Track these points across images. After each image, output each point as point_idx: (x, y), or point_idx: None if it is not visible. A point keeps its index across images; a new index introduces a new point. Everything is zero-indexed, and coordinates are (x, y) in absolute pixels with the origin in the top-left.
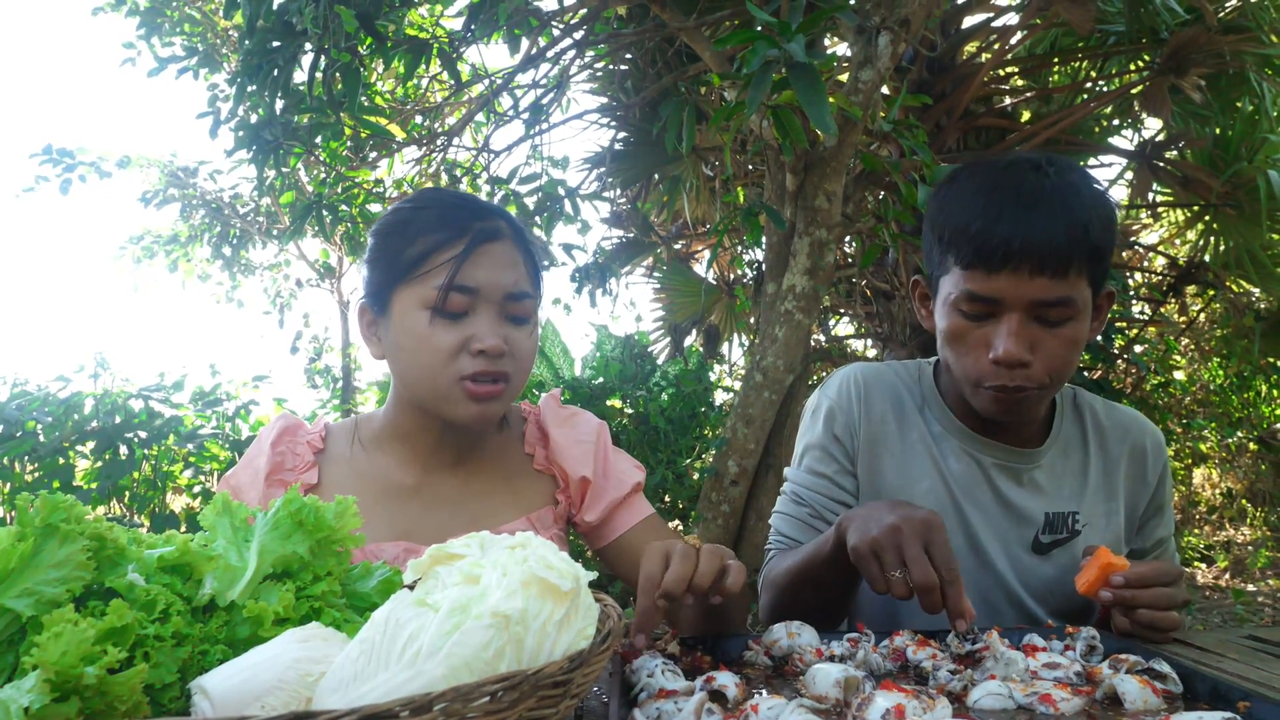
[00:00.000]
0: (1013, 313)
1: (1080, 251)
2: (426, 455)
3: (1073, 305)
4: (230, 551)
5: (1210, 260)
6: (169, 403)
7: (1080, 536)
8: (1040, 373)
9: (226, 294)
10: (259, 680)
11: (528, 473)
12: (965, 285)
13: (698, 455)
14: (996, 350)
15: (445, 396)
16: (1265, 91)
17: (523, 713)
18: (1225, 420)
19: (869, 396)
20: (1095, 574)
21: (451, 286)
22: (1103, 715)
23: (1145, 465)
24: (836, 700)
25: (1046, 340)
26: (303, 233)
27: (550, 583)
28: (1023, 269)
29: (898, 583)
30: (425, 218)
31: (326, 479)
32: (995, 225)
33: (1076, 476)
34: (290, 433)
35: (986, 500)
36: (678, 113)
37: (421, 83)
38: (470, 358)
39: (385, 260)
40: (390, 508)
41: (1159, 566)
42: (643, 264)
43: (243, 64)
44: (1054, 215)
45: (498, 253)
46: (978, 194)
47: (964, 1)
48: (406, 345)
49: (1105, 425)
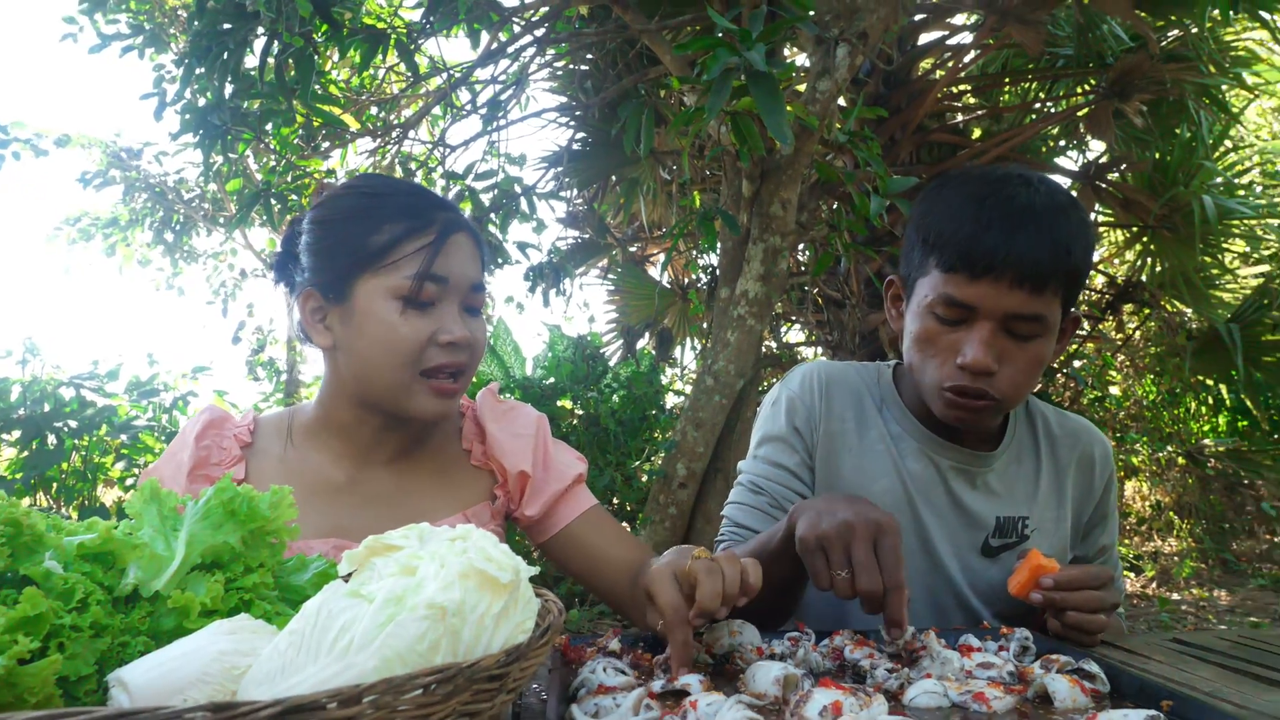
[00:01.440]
0: (986, 321)
1: (1060, 271)
2: (362, 451)
3: (1044, 323)
4: (157, 540)
5: (1147, 280)
6: (102, 392)
7: (1029, 541)
8: (1003, 384)
9: (167, 281)
10: (181, 673)
11: (464, 468)
12: (944, 289)
13: (647, 458)
14: (965, 356)
15: (406, 390)
16: (1202, 120)
17: (457, 706)
18: (1156, 435)
19: (830, 393)
20: (1026, 576)
21: (426, 276)
22: (1034, 713)
23: (1093, 474)
24: (775, 697)
25: (1014, 353)
26: (249, 221)
27: (489, 575)
28: (1003, 280)
29: (841, 583)
30: (390, 205)
31: (254, 474)
32: (983, 234)
33: (1028, 482)
34: (216, 425)
35: (941, 502)
36: (637, 115)
37: (378, 73)
38: (438, 349)
39: (345, 248)
40: (321, 504)
41: (1089, 570)
42: (597, 265)
43: (191, 45)
44: (1040, 232)
45: (462, 243)
46: (968, 202)
47: (920, 18)
48: (374, 335)
49: (1057, 433)
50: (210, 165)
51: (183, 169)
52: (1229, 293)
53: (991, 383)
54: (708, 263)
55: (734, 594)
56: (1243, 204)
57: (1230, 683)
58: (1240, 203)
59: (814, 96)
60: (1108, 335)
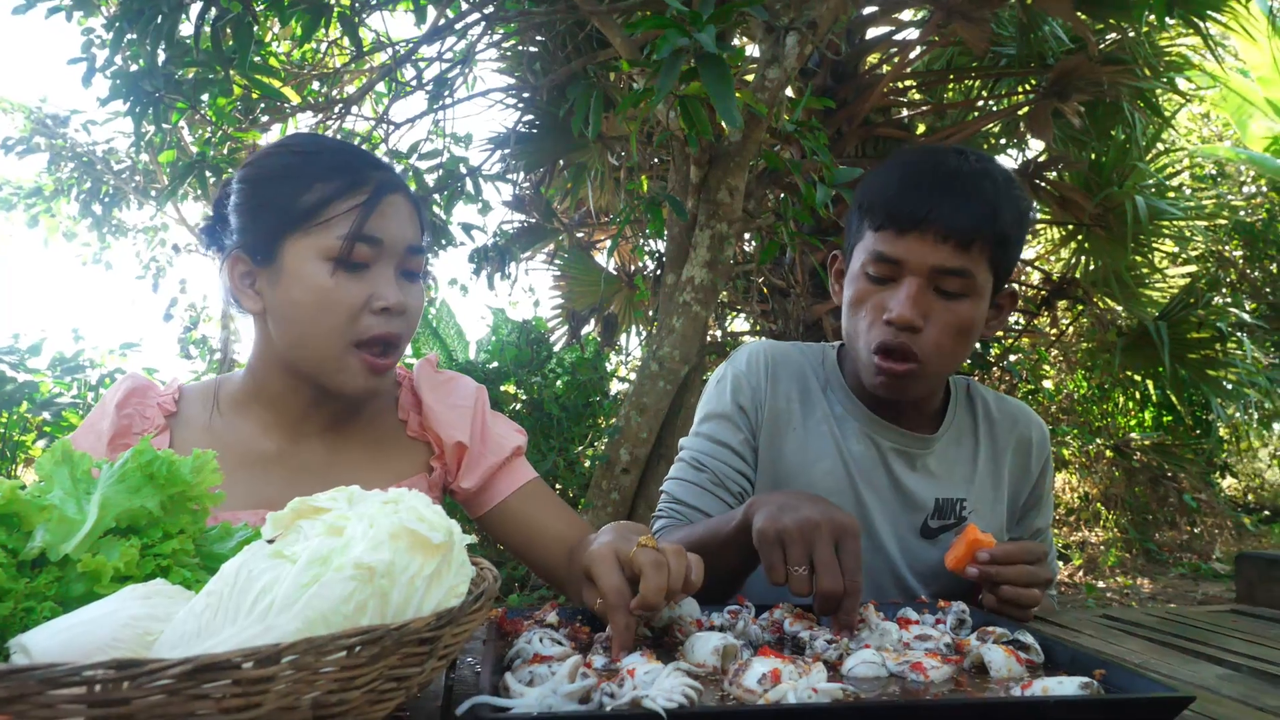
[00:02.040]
0: (913, 277)
1: (986, 230)
2: (293, 421)
3: (971, 280)
4: (68, 503)
5: (1080, 277)
6: (23, 368)
7: (966, 523)
8: (927, 345)
9: (94, 255)
10: (90, 638)
11: (400, 440)
12: (874, 247)
13: (590, 443)
14: (891, 311)
15: (336, 363)
16: (1137, 122)
17: (384, 670)
18: (1086, 429)
19: (776, 372)
20: (962, 550)
21: (359, 236)
22: (970, 682)
23: (1030, 457)
24: (714, 667)
25: (941, 312)
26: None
27: (421, 535)
28: (928, 234)
29: (799, 579)
30: (320, 163)
31: (179, 444)
32: (910, 191)
33: (967, 464)
34: (139, 394)
35: (882, 483)
36: (586, 96)
37: (320, 47)
38: (371, 316)
39: (274, 207)
40: (250, 476)
41: (1024, 545)
42: (543, 250)
43: (122, 8)
44: (967, 191)
45: (399, 204)
46: (901, 167)
47: (869, 13)
48: (303, 299)
49: (995, 416)
50: (142, 135)
51: (112, 138)
52: (1158, 291)
53: (916, 341)
54: (654, 249)
55: (677, 589)
56: (1173, 205)
57: (1157, 655)
58: (1170, 204)
59: (763, 84)
60: (1042, 330)
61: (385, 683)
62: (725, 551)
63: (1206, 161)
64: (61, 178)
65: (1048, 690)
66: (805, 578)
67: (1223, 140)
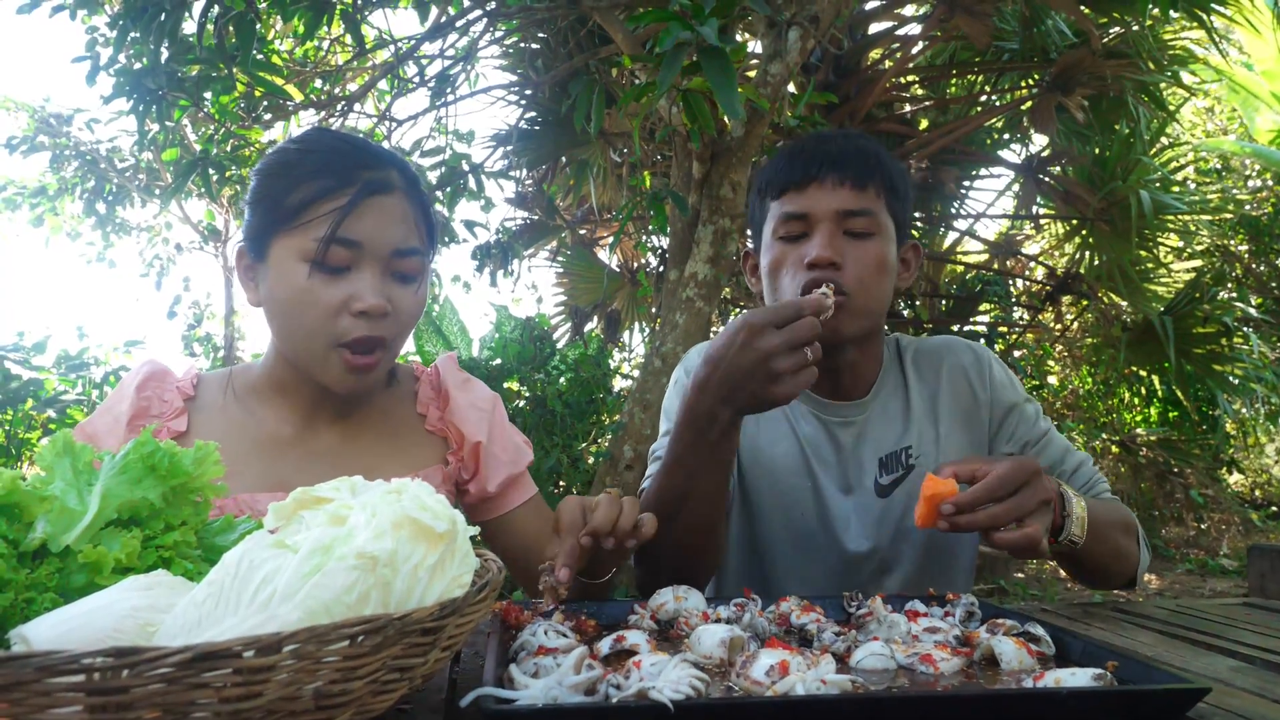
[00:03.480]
0: (823, 223)
1: (876, 172)
2: (307, 409)
3: (875, 219)
4: (69, 494)
5: (1085, 272)
6: (28, 365)
7: (915, 470)
8: (850, 279)
9: (98, 254)
10: (90, 628)
11: (417, 432)
12: (780, 211)
13: (594, 440)
14: (809, 255)
15: (321, 361)
16: (1141, 116)
17: (387, 660)
18: (1091, 424)
19: None
20: (924, 507)
21: (332, 239)
22: (980, 674)
23: (969, 379)
24: (721, 659)
25: (854, 250)
26: (185, 191)
27: (424, 524)
28: (826, 181)
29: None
30: (310, 162)
31: (196, 427)
32: (799, 153)
33: (901, 413)
34: (157, 378)
35: (832, 459)
36: (588, 92)
37: (322, 44)
38: (351, 318)
39: (266, 204)
40: (266, 458)
41: (998, 474)
42: (546, 247)
43: (125, 7)
44: (849, 142)
45: (387, 205)
46: (786, 148)
47: (871, 7)
48: (283, 298)
49: (920, 356)
50: (145, 133)
51: (116, 137)
52: (1163, 286)
53: (841, 277)
54: (657, 245)
55: (626, 527)
56: (1177, 200)
57: (1169, 647)
58: (1175, 198)
59: (765, 79)
60: (1047, 326)
61: (388, 673)
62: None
63: (1211, 155)
64: (65, 176)
65: (1060, 682)
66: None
67: (1227, 134)
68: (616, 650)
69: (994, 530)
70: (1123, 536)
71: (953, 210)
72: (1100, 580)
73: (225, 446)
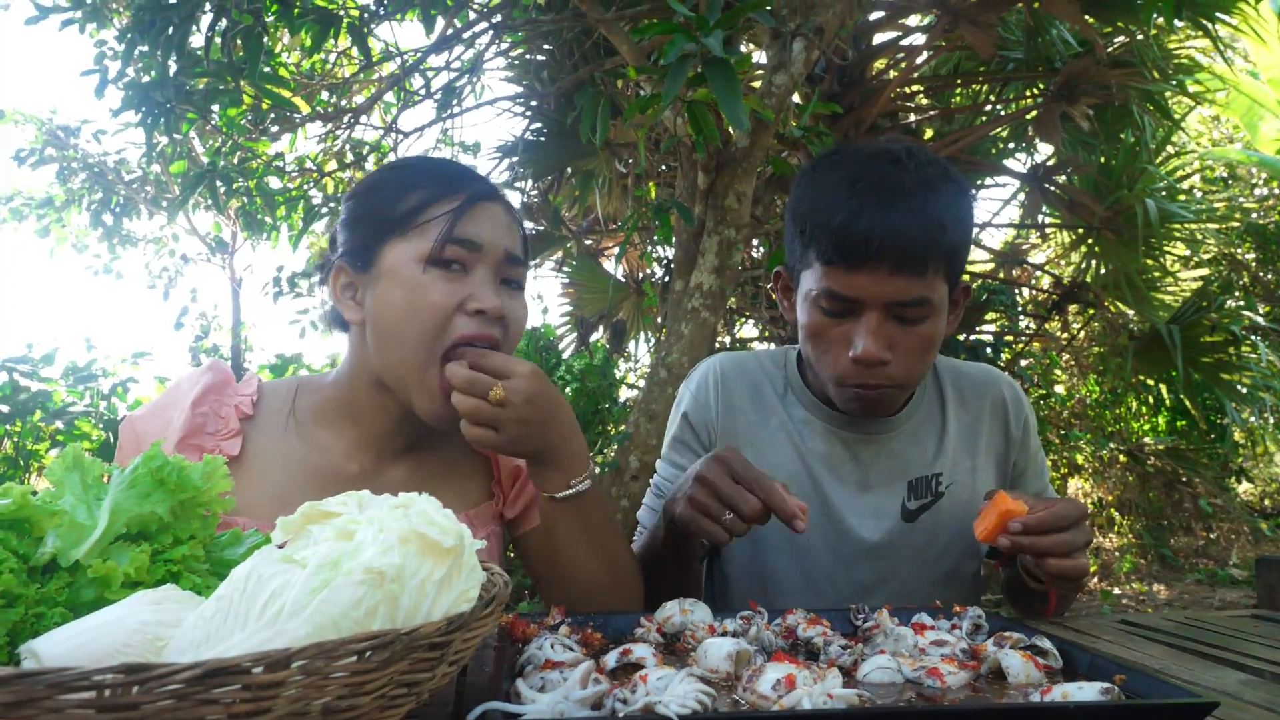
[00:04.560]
0: (871, 311)
1: (937, 250)
2: (378, 440)
3: (930, 305)
4: (78, 508)
5: (1091, 281)
6: (37, 376)
7: (944, 498)
8: (898, 371)
9: (104, 266)
10: (100, 644)
11: (469, 458)
12: (825, 283)
13: (600, 450)
14: (856, 349)
15: (420, 376)
16: (1146, 124)
17: (394, 675)
18: (1099, 434)
19: (727, 387)
20: (993, 520)
21: (450, 238)
22: (987, 688)
23: (1008, 417)
24: (727, 673)
25: (904, 339)
26: (193, 204)
27: (431, 539)
28: (881, 268)
29: (733, 524)
30: (416, 173)
31: (251, 453)
32: (855, 222)
33: (936, 438)
34: (217, 390)
35: (852, 477)
36: (593, 103)
37: (329, 57)
38: (466, 318)
39: (373, 216)
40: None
41: (1058, 510)
42: (552, 257)
43: (134, 20)
44: (912, 213)
45: (495, 212)
46: (838, 186)
47: (875, 18)
48: (397, 299)
49: (963, 384)
50: (153, 145)
51: (123, 149)
52: (1170, 295)
53: (887, 373)
54: (662, 255)
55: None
56: (1184, 208)
57: (1177, 660)
58: (1181, 207)
59: (769, 90)
60: (1053, 335)
61: (395, 688)
62: (666, 553)
63: (1217, 164)
64: (73, 188)
65: (1068, 696)
66: (734, 519)
67: (1233, 142)
68: (623, 664)
69: (1050, 557)
70: None
71: None
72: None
73: (282, 477)
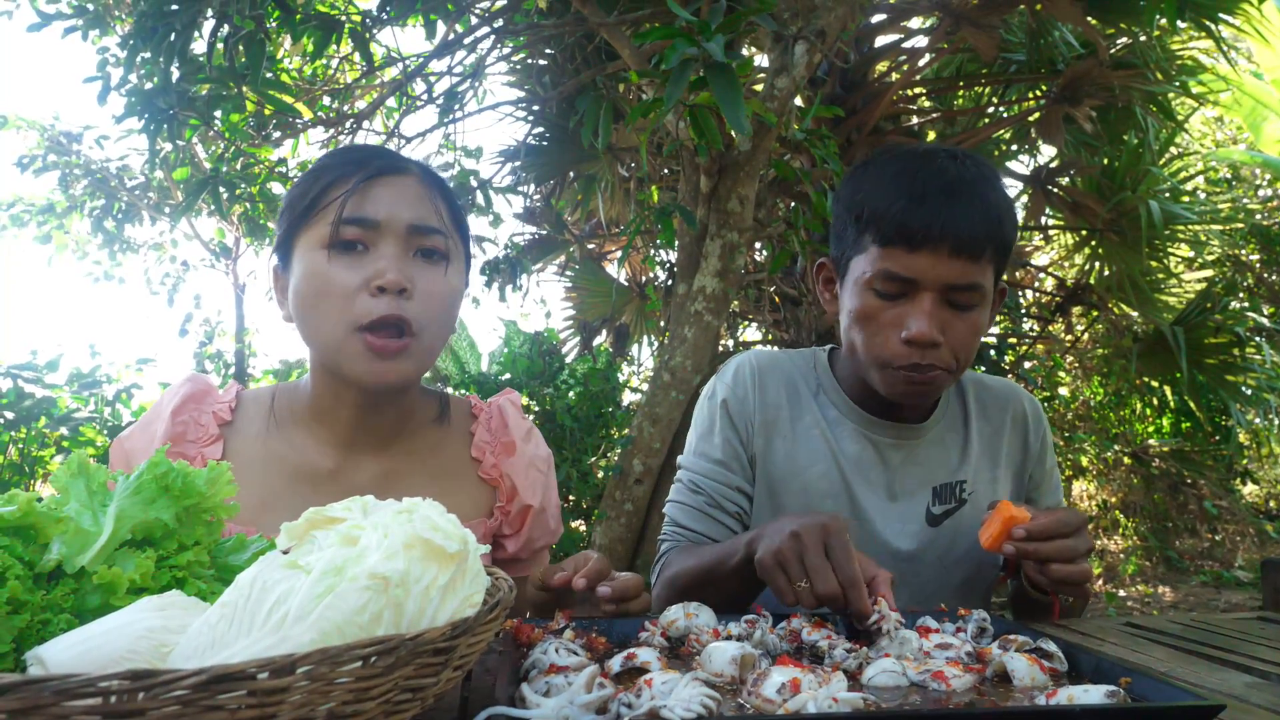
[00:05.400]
0: (927, 293)
1: (993, 240)
2: (346, 435)
3: (981, 291)
4: (84, 515)
5: (1095, 283)
6: (41, 383)
7: (966, 505)
8: (948, 355)
9: (105, 272)
10: (105, 650)
11: (467, 477)
12: (882, 264)
13: (603, 454)
14: (910, 330)
15: (345, 350)
16: (1149, 126)
17: (399, 680)
18: (1103, 435)
19: (764, 382)
20: (998, 528)
21: (345, 219)
22: (992, 691)
23: (1027, 431)
24: (732, 677)
25: (955, 324)
26: (196, 209)
27: (435, 544)
28: (942, 250)
29: (803, 594)
30: (328, 162)
31: (231, 456)
32: (919, 206)
33: (960, 447)
34: (196, 399)
35: (880, 480)
36: (595, 108)
37: (331, 63)
38: (370, 298)
39: (286, 211)
40: (303, 492)
41: (1060, 517)
42: (555, 261)
43: (136, 27)
44: (973, 203)
45: (400, 185)
46: (900, 176)
47: (877, 21)
48: (304, 289)
49: (985, 396)
50: (156, 151)
51: (126, 155)
52: (1174, 296)
53: (939, 355)
54: (665, 259)
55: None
56: (1187, 210)
57: (1183, 663)
58: (1185, 208)
59: (771, 93)
60: (1057, 337)
61: (400, 693)
62: (731, 580)
63: (1221, 165)
64: (74, 194)
65: (1073, 699)
66: (808, 589)
67: (1237, 143)
68: (628, 668)
69: (1053, 562)
70: None
71: None
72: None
73: (261, 478)
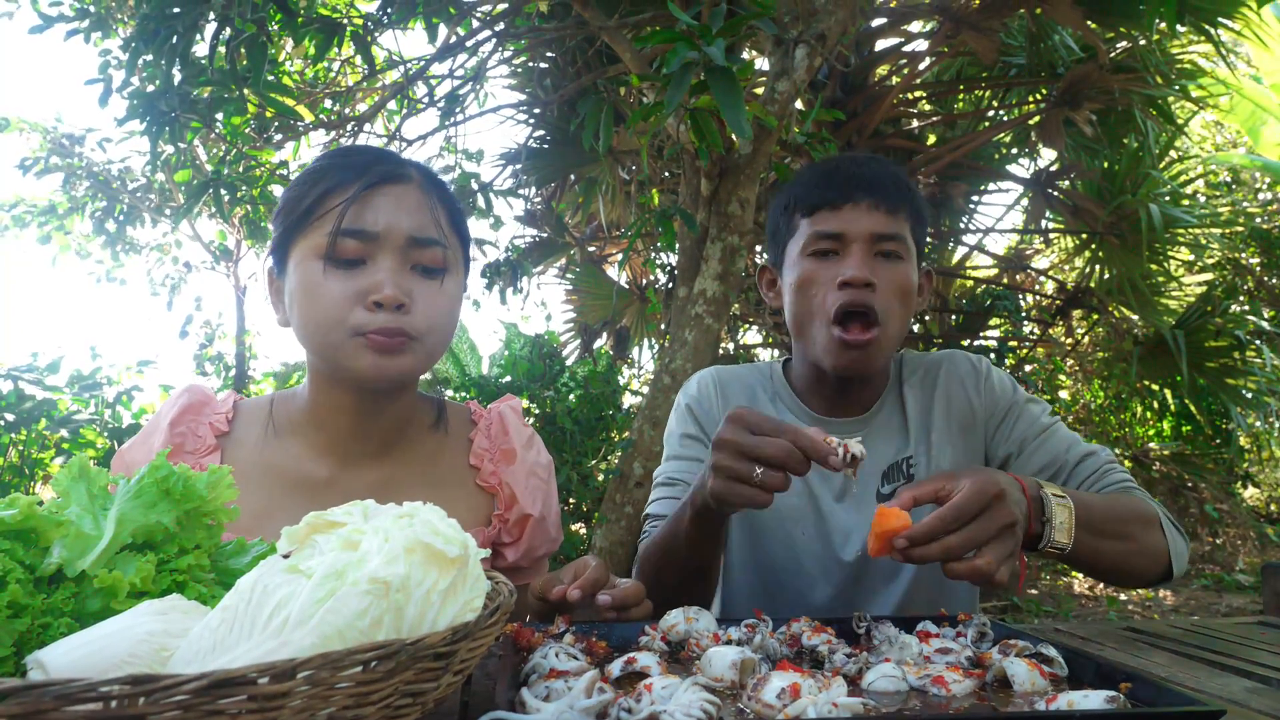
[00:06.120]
0: (855, 243)
1: (906, 199)
2: (344, 443)
3: (904, 244)
4: (84, 518)
5: (1095, 286)
6: (42, 385)
7: (915, 480)
8: (883, 302)
9: (107, 273)
10: (106, 654)
11: (465, 486)
12: (812, 229)
13: (603, 457)
14: (845, 274)
15: (346, 350)
16: (1149, 129)
17: (399, 685)
18: (1104, 439)
19: (726, 392)
20: (875, 543)
21: (341, 230)
22: (992, 696)
23: (965, 388)
24: (732, 682)
25: (885, 272)
26: (197, 211)
27: (436, 549)
28: (862, 203)
29: (769, 477)
30: (319, 166)
31: (230, 464)
32: (835, 172)
33: (900, 425)
34: (194, 410)
35: (835, 474)
36: (596, 111)
37: (333, 65)
38: (367, 312)
39: (282, 216)
40: (301, 501)
41: (943, 513)
42: (555, 264)
43: (138, 29)
44: (884, 168)
45: (399, 194)
46: (818, 166)
47: (878, 25)
48: (300, 299)
49: (918, 368)
50: (158, 154)
51: (128, 157)
52: (1174, 299)
53: (874, 299)
54: (666, 262)
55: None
56: (1187, 213)
57: (1183, 668)
58: (1185, 212)
59: (772, 97)
60: (1057, 340)
61: (400, 698)
62: (692, 536)
63: (1221, 169)
64: (76, 196)
65: (1073, 704)
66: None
67: (1236, 147)
68: (628, 672)
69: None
70: (1138, 529)
71: (962, 225)
72: (1123, 579)
73: (258, 488)
